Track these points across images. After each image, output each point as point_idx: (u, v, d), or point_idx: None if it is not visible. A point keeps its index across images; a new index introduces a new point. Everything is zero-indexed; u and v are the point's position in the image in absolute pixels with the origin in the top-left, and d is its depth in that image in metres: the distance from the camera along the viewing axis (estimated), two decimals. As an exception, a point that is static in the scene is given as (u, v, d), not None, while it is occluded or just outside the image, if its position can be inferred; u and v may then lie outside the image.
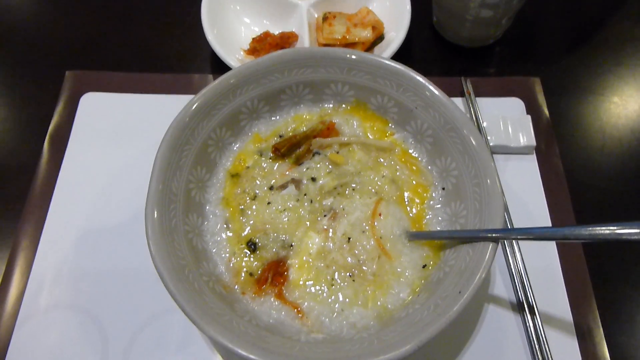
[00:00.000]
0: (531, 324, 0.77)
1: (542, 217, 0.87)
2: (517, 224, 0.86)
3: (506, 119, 0.94)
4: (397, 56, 0.96)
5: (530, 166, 0.92)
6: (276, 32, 1.03)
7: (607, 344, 0.77)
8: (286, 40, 1.01)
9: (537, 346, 0.75)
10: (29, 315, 0.78)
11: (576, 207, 0.88)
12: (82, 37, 1.10)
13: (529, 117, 0.95)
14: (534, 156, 0.93)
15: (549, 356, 0.74)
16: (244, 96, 0.79)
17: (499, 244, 0.81)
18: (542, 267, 0.82)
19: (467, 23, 1.00)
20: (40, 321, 0.77)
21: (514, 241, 0.84)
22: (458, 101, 0.99)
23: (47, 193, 0.88)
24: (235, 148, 0.81)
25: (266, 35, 1.02)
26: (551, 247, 0.84)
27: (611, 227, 0.54)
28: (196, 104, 0.74)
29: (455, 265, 0.67)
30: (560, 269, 0.82)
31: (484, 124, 0.93)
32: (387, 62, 0.78)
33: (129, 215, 0.86)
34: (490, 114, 0.95)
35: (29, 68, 1.05)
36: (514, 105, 0.99)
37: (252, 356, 0.58)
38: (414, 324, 0.62)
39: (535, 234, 0.62)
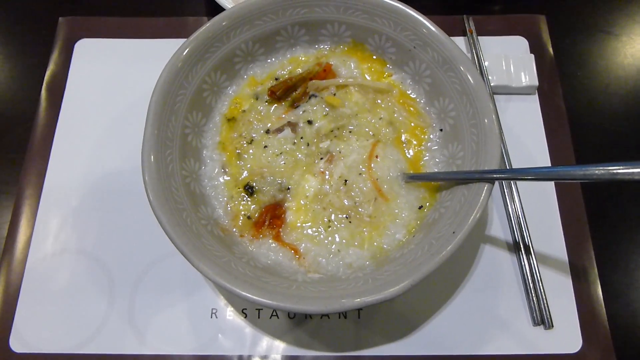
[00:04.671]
0: (526, 264, 0.78)
1: (542, 159, 0.87)
2: (517, 165, 0.85)
3: (508, 58, 0.91)
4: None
5: (532, 107, 0.91)
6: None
7: (600, 283, 0.78)
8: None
9: (531, 285, 0.76)
10: (37, 260, 0.80)
11: (577, 148, 0.87)
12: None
13: (532, 56, 0.92)
14: (536, 97, 0.91)
15: (543, 295, 0.75)
16: (237, 38, 0.77)
17: (496, 185, 0.82)
18: (540, 209, 0.82)
19: (471, -42, 0.97)
20: (48, 266, 0.80)
21: (512, 184, 0.83)
22: (459, 41, 0.96)
23: (47, 141, 0.88)
24: (230, 92, 0.80)
25: (262, -26, 0.98)
26: (550, 189, 0.84)
27: (606, 167, 0.53)
28: (188, 48, 0.73)
29: (450, 206, 0.67)
30: (558, 210, 0.83)
31: (486, 64, 0.91)
32: (383, -1, 0.76)
33: (129, 161, 0.86)
34: (493, 53, 0.92)
35: (22, 15, 1.03)
36: (518, 44, 0.96)
37: (250, 295, 0.60)
38: (408, 263, 0.63)
39: (529, 174, 0.61)
